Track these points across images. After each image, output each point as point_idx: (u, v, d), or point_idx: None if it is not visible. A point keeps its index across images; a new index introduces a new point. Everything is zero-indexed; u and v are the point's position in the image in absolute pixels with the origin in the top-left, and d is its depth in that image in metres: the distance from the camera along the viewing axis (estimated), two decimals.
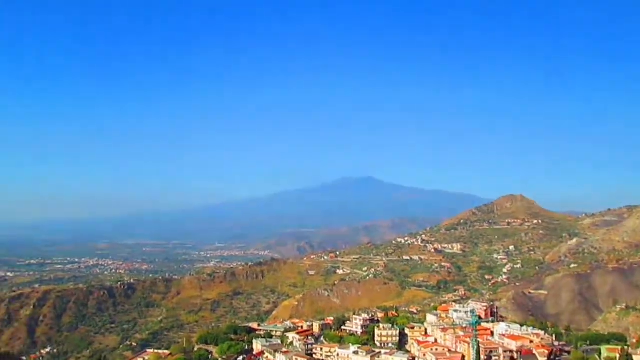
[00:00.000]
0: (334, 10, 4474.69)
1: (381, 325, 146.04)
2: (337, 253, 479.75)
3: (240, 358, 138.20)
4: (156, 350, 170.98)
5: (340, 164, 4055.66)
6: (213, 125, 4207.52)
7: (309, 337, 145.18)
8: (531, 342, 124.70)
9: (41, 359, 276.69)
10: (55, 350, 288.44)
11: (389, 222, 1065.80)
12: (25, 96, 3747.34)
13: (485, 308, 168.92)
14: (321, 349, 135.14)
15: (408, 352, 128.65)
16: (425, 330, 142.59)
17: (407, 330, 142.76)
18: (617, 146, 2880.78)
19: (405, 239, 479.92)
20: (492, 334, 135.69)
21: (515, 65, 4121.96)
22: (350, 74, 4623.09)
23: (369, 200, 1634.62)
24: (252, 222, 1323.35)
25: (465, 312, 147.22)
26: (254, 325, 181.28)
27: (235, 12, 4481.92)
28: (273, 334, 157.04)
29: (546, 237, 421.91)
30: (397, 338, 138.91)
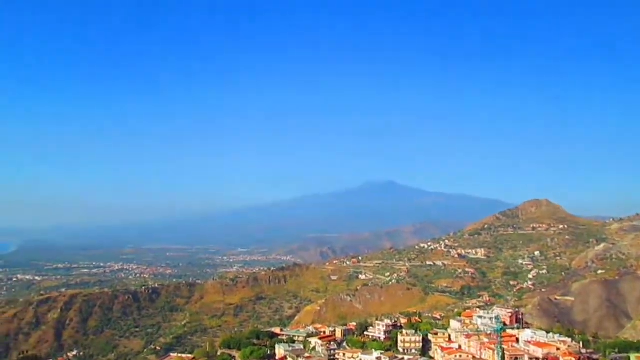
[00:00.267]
0: (357, 14, 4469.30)
1: (404, 331, 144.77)
2: (360, 258, 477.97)
3: None
4: (180, 355, 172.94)
5: (363, 169, 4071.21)
6: (237, 129, 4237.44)
7: (332, 343, 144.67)
8: (558, 349, 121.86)
9: None
10: (81, 354, 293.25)
11: (412, 227, 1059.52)
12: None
13: (510, 314, 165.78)
14: (344, 354, 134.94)
15: (431, 358, 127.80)
16: (449, 336, 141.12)
17: (430, 337, 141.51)
18: None
19: (428, 244, 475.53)
20: (517, 340, 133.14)
21: (543, 69, 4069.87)
22: (374, 79, 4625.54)
23: (392, 205, 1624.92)
24: (274, 227, 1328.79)
25: (490, 319, 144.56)
26: (277, 330, 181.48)
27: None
28: (295, 339, 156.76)
29: (572, 243, 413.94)
30: (421, 344, 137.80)
